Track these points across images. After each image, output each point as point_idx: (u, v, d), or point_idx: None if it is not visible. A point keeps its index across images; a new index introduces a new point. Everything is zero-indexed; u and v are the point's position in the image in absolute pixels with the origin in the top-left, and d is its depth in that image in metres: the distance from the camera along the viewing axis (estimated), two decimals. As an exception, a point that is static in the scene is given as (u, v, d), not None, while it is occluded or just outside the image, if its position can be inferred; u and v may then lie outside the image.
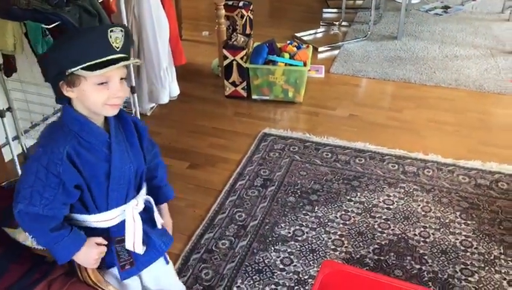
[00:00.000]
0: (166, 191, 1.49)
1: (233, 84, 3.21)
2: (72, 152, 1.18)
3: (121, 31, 1.18)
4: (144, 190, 1.39)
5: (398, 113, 3.07)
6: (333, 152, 2.67)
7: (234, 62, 3.13)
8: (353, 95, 3.35)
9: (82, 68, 1.14)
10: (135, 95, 2.34)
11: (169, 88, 2.91)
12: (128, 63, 1.20)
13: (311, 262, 1.99)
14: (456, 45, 3.95)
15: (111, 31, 1.16)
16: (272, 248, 2.05)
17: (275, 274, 1.93)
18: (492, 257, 2.00)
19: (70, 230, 1.25)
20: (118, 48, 1.17)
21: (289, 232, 2.14)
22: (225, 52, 3.13)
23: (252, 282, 1.90)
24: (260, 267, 1.97)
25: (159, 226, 1.41)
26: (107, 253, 1.32)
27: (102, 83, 1.17)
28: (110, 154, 1.24)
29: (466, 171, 2.50)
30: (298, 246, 2.06)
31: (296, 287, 1.88)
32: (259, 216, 2.23)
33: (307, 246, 2.06)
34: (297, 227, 2.16)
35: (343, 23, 4.42)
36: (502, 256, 2.00)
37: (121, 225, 1.32)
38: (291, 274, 1.94)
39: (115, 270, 1.35)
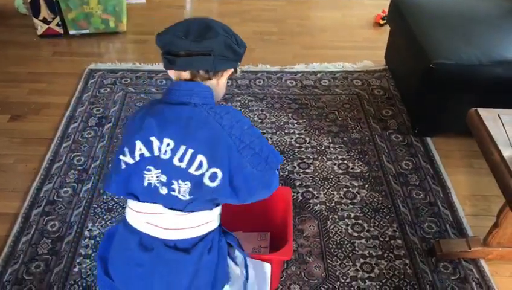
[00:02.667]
0: None
1: (45, 21, 2.88)
2: None
3: None
4: None
5: (225, 29, 3.09)
6: (167, 78, 2.61)
7: (40, -4, 2.79)
8: (178, 17, 3.18)
9: None
10: None
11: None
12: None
13: (161, 189, 1.98)
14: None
15: None
16: (119, 185, 1.99)
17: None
18: (323, 148, 2.21)
19: None
20: None
21: (134, 165, 2.08)
22: (26, -15, 2.77)
23: (103, 222, 1.84)
24: (110, 206, 1.91)
25: None
26: None
27: None
28: None
29: (292, 76, 2.67)
30: (146, 177, 2.03)
31: (150, 216, 1.87)
32: (100, 156, 2.13)
33: (154, 175, 2.04)
34: (142, 158, 2.12)
35: None
36: (331, 145, 2.23)
37: None
38: (143, 205, 1.92)
39: None
